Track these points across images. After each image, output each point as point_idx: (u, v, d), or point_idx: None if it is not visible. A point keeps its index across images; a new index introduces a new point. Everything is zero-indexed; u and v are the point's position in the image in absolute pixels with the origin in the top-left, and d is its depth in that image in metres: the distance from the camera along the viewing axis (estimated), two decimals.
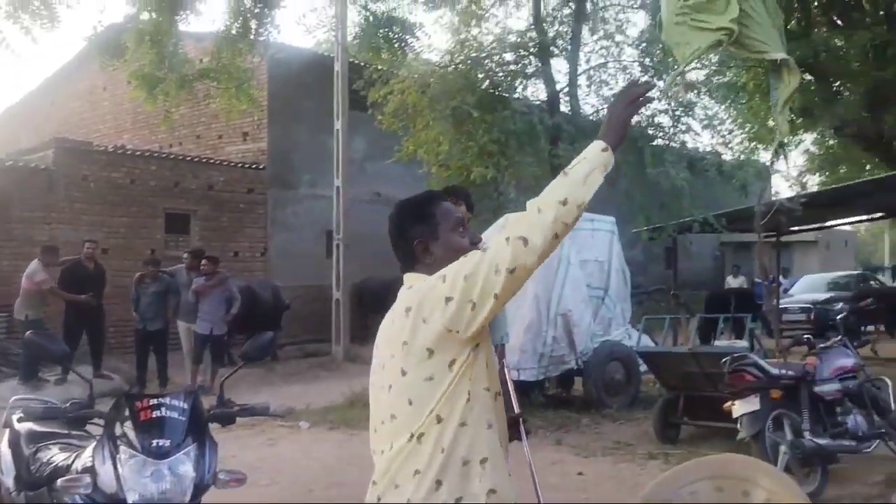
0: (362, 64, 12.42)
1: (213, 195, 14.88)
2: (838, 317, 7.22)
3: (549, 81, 11.75)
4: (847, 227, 28.77)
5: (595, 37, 11.88)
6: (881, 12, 13.24)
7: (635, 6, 12.13)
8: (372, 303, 15.53)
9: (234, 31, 9.96)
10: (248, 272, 14.93)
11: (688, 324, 9.01)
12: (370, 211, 16.86)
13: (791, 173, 19.11)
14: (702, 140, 12.09)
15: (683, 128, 11.58)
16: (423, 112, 11.51)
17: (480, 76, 11.84)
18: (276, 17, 9.91)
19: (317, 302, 14.98)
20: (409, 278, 1.97)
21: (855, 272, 22.77)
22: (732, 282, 19.26)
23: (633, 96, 1.88)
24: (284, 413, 7.84)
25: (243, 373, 11.24)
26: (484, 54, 11.95)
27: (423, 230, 1.96)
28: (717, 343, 8.22)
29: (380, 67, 12.03)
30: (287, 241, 15.76)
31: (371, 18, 9.85)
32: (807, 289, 20.69)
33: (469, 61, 11.82)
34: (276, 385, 10.97)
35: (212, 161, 15.54)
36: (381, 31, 9.74)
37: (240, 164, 15.58)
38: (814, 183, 18.92)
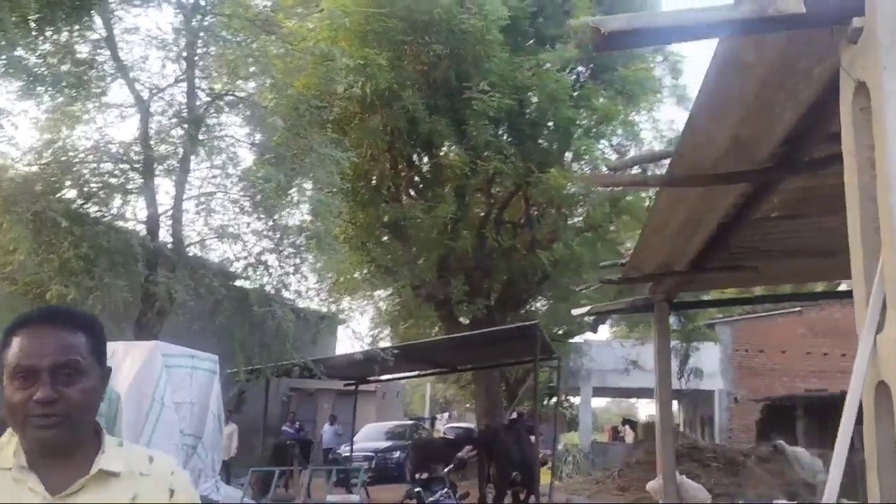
0: None
1: None
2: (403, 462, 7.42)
3: (152, 202, 10.77)
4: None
5: (206, 164, 11.36)
6: (455, 194, 15.17)
7: (245, 143, 12.02)
8: None
9: None
10: None
11: (300, 475, 8.47)
12: None
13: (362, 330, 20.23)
14: (307, 285, 11.99)
15: (291, 269, 11.46)
16: None
17: (68, 182, 10.38)
18: None
19: None
20: None
21: (409, 422, 24.61)
22: (291, 429, 19.34)
23: None
24: None
25: None
26: (77, 159, 10.56)
27: None
28: (332, 497, 7.81)
29: None
30: None
31: None
32: (368, 437, 21.63)
33: (58, 164, 10.31)
34: None
35: None
36: None
37: None
38: (384, 335, 20.26)
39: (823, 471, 12.47)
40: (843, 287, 15.05)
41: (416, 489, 6.99)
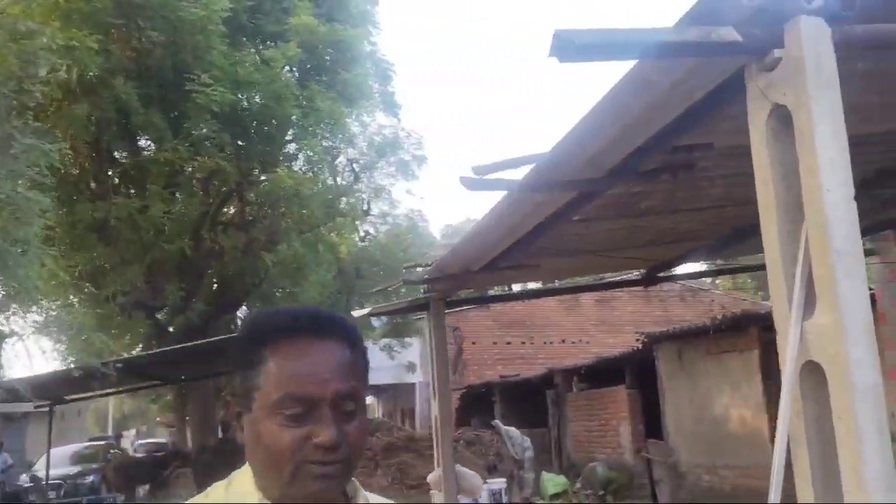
0: None
1: None
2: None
3: None
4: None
5: None
6: (169, 192, 14.09)
7: None
8: None
9: None
10: None
11: None
12: None
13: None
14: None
15: None
16: None
17: None
18: None
19: None
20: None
21: (101, 442, 22.41)
22: None
23: None
24: None
25: None
26: None
27: (240, 387, 1.14)
28: None
29: None
30: None
31: None
32: (52, 462, 19.33)
33: None
34: None
35: None
36: None
37: None
38: (74, 350, 18.10)
39: (531, 447, 13.86)
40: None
41: None
